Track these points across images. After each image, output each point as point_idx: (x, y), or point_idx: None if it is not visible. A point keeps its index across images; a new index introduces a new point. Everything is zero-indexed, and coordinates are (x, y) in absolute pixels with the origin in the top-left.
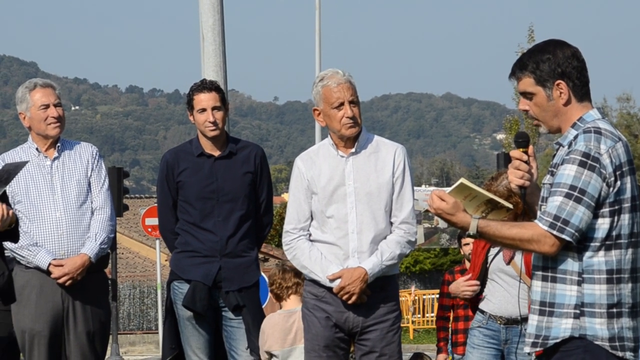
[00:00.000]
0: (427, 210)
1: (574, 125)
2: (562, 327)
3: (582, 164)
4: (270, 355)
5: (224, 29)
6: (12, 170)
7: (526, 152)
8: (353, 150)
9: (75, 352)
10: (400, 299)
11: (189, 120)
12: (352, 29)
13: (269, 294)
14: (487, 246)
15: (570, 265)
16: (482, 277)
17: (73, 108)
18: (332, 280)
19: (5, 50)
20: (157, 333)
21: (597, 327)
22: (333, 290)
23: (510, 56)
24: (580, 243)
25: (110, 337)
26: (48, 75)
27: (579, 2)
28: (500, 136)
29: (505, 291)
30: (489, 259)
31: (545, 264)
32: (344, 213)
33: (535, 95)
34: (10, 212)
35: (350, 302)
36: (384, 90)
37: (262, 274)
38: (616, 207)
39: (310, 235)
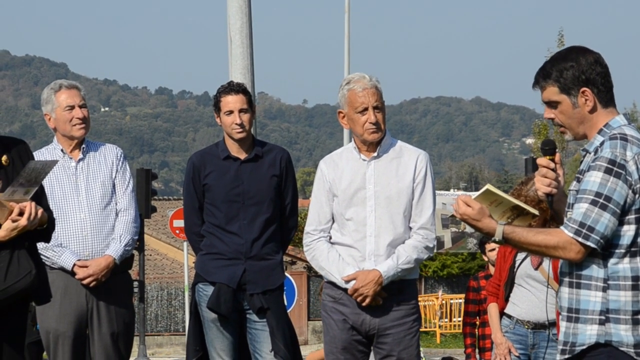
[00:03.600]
0: (453, 215)
1: (600, 132)
2: (588, 333)
3: (607, 171)
4: None
5: (252, 31)
6: (41, 170)
7: (553, 160)
8: (375, 154)
9: (99, 353)
10: (427, 303)
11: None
12: (382, 32)
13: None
14: (515, 251)
15: (596, 271)
16: (510, 282)
17: (103, 109)
18: (347, 282)
19: (36, 51)
20: (184, 335)
21: (623, 334)
22: (348, 292)
23: (539, 60)
24: (606, 250)
25: (138, 338)
26: (78, 76)
27: (608, 6)
28: (529, 141)
29: (533, 296)
30: (516, 264)
31: (571, 270)
32: (362, 216)
33: (560, 103)
34: (40, 211)
35: (364, 304)
36: (413, 94)
37: (289, 276)
38: None
39: (330, 237)
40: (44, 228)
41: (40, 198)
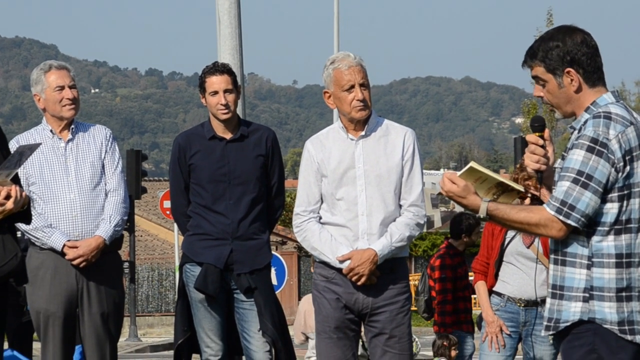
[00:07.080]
0: (440, 193)
1: (587, 110)
2: (572, 310)
3: (589, 149)
4: (306, 337)
5: (240, 12)
6: (24, 153)
7: (542, 136)
8: (363, 133)
9: (90, 333)
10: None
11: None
12: (371, 12)
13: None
14: (505, 229)
15: (580, 249)
16: (499, 260)
17: (93, 91)
18: (341, 262)
19: (26, 33)
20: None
21: (606, 311)
22: (343, 272)
23: (529, 40)
24: (590, 227)
25: (129, 318)
26: (68, 57)
27: None
28: (518, 120)
29: (523, 273)
30: (506, 242)
31: (557, 248)
32: (353, 195)
33: (547, 82)
34: (23, 193)
35: (359, 283)
36: (403, 74)
37: (279, 256)
38: (625, 192)
39: (320, 217)
40: (24, 210)
41: (17, 179)
